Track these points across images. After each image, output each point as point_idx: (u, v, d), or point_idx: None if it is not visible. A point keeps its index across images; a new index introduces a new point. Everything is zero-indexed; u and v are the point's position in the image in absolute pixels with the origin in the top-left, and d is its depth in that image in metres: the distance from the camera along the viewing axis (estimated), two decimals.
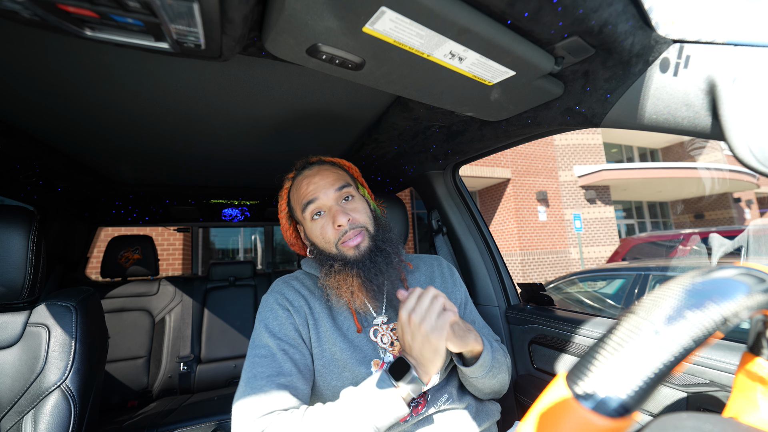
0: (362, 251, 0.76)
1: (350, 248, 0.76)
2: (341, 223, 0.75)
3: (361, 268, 0.75)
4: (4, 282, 0.81)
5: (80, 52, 0.69)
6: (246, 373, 0.68)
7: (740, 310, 0.26)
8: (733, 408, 0.34)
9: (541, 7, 0.51)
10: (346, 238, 0.76)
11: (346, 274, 0.75)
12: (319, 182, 0.79)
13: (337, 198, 0.79)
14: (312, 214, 0.79)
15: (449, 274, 0.96)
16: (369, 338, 0.78)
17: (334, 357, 0.74)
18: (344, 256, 0.77)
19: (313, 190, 0.79)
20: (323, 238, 0.78)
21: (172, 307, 2.06)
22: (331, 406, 0.63)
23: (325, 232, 0.78)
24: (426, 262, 0.97)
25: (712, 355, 0.68)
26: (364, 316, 0.81)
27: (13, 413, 0.80)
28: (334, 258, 0.77)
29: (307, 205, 0.79)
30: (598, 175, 9.58)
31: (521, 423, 0.29)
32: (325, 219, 0.78)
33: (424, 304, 0.65)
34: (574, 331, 1.00)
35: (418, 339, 0.63)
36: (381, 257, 0.77)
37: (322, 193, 0.78)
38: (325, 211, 0.79)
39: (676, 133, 0.61)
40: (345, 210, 0.78)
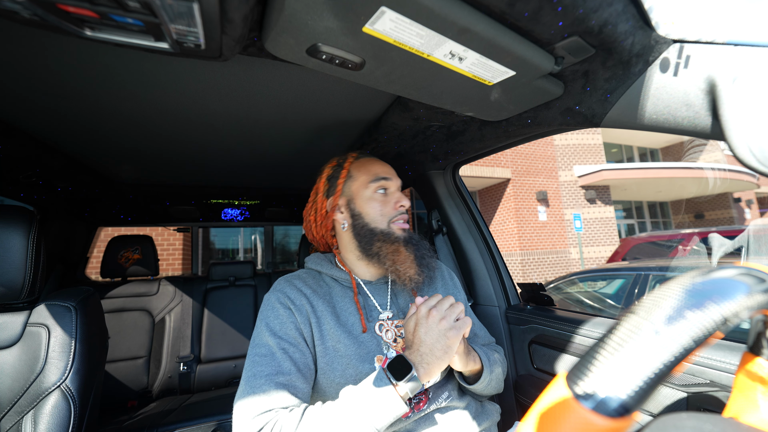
0: (409, 234, 0.86)
1: (400, 229, 0.85)
2: (405, 204, 0.86)
3: (414, 245, 0.84)
4: (4, 282, 0.81)
5: (80, 52, 0.69)
6: (246, 372, 0.69)
7: (740, 310, 0.26)
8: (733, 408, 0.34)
9: (541, 7, 0.51)
10: (400, 218, 0.85)
11: (397, 246, 0.82)
12: (391, 171, 0.91)
13: (399, 188, 0.90)
14: (378, 188, 0.86)
15: (449, 278, 1.00)
16: (374, 333, 0.79)
17: (338, 354, 0.74)
18: (393, 234, 0.84)
19: (387, 172, 0.89)
20: (381, 212, 0.85)
21: (172, 307, 2.06)
22: (330, 405, 0.63)
23: (385, 206, 0.85)
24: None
25: (712, 355, 0.68)
26: (369, 311, 0.83)
27: (13, 413, 0.80)
28: (384, 234, 0.83)
29: (379, 180, 0.86)
30: (598, 175, 9.58)
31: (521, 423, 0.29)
32: (389, 198, 0.87)
33: (445, 305, 0.69)
34: (574, 331, 1.00)
35: (433, 334, 0.65)
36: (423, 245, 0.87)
37: (393, 177, 0.89)
38: (389, 192, 0.88)
39: (676, 133, 0.61)
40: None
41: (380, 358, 0.75)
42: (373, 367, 0.74)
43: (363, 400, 0.61)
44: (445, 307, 0.68)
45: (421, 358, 0.64)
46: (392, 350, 0.78)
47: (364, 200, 0.86)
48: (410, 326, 0.70)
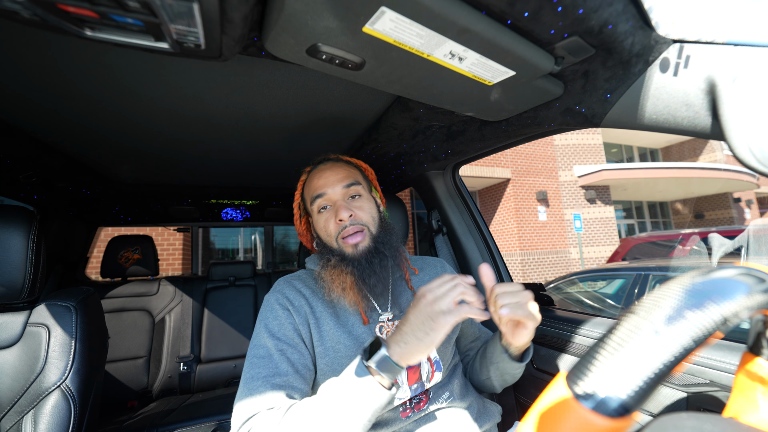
0: (360, 251, 0.78)
1: (349, 246, 0.79)
2: (342, 217, 0.78)
3: (355, 267, 0.77)
4: (4, 282, 0.81)
5: (80, 52, 0.69)
6: (244, 374, 0.69)
7: (740, 310, 0.26)
8: (733, 408, 0.34)
9: (541, 7, 0.51)
10: (345, 233, 0.79)
11: (340, 270, 0.77)
12: (329, 177, 0.83)
13: (343, 194, 0.82)
14: (319, 207, 0.82)
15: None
16: (374, 333, 0.78)
17: (338, 354, 0.74)
18: (342, 252, 0.79)
19: (322, 185, 0.82)
20: (326, 231, 0.81)
21: (172, 307, 2.06)
22: (313, 399, 0.61)
23: (327, 225, 0.81)
24: (430, 264, 0.98)
25: (712, 355, 0.68)
26: (370, 313, 0.82)
27: (13, 413, 0.80)
28: (332, 252, 0.80)
29: (315, 199, 0.82)
30: (598, 175, 9.58)
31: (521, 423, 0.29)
32: (330, 213, 0.82)
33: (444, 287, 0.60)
34: (574, 331, 1.00)
35: (421, 315, 0.58)
36: (377, 259, 0.79)
37: (330, 189, 0.81)
38: (331, 206, 0.82)
39: (676, 133, 0.61)
40: (349, 206, 0.80)
41: None
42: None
43: (342, 390, 0.59)
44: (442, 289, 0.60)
45: (400, 337, 0.59)
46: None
47: (315, 221, 0.85)
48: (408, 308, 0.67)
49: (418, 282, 0.91)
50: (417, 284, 0.90)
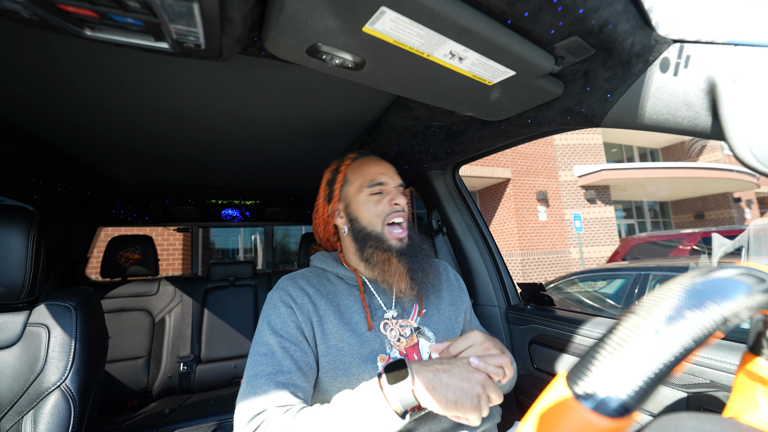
0: (405, 244, 0.83)
1: (395, 238, 0.82)
2: (399, 202, 0.84)
3: (408, 258, 0.81)
4: (4, 282, 0.81)
5: (80, 52, 0.69)
6: (247, 371, 0.69)
7: (740, 310, 0.26)
8: (733, 408, 0.34)
9: (541, 7, 0.51)
10: (394, 216, 0.83)
11: (390, 256, 0.80)
12: (389, 170, 0.88)
13: (397, 187, 0.88)
14: (373, 191, 0.85)
15: (455, 280, 0.99)
16: (378, 332, 0.79)
17: (341, 353, 0.74)
18: (386, 241, 0.82)
19: (384, 173, 0.87)
20: (375, 211, 0.83)
21: (172, 307, 2.06)
22: (324, 408, 0.61)
23: (380, 206, 0.84)
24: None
25: (712, 355, 0.68)
26: (374, 310, 0.82)
27: (13, 413, 0.80)
28: (378, 238, 0.82)
29: (375, 184, 0.85)
30: (598, 175, 9.58)
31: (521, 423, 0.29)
32: (384, 197, 0.85)
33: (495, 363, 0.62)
34: (574, 331, 1.00)
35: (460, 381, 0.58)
36: (422, 254, 0.84)
37: (391, 179, 0.87)
38: (385, 192, 0.86)
39: (676, 133, 0.61)
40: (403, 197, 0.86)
41: (383, 358, 0.75)
42: (376, 366, 0.74)
43: (354, 406, 0.58)
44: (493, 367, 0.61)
45: (432, 378, 0.58)
46: (395, 349, 0.78)
47: (359, 204, 0.85)
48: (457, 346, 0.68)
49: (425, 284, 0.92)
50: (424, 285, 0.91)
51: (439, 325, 0.85)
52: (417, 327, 0.82)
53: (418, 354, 0.79)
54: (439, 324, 0.85)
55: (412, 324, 0.82)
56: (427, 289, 0.87)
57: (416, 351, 0.79)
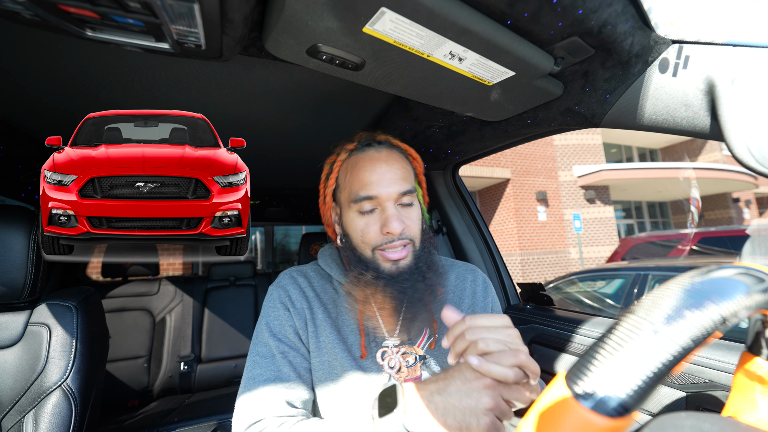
0: (401, 268, 0.65)
1: (388, 261, 0.65)
2: (393, 230, 0.63)
3: (395, 288, 0.64)
4: (5, 282, 0.81)
5: (81, 52, 0.70)
6: (247, 372, 0.68)
7: (739, 310, 0.26)
8: (732, 407, 0.34)
9: (540, 8, 0.51)
10: (388, 247, 0.65)
11: (376, 288, 0.64)
12: (385, 174, 0.65)
13: (396, 200, 0.65)
14: (361, 209, 0.66)
15: (482, 294, 0.79)
16: (374, 360, 0.69)
17: (333, 371, 0.68)
18: (377, 267, 0.65)
19: (376, 182, 0.64)
20: (362, 238, 0.66)
21: (173, 307, 2.06)
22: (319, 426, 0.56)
23: (367, 232, 0.65)
24: (458, 273, 0.81)
25: (711, 355, 0.69)
26: (374, 335, 0.71)
27: (14, 413, 0.80)
28: (366, 264, 0.66)
29: (361, 199, 0.65)
30: (597, 175, 9.58)
31: (521, 423, 0.30)
32: (374, 218, 0.65)
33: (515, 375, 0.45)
34: (573, 330, 1.00)
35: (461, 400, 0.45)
36: (420, 280, 0.66)
37: (384, 190, 0.64)
38: (378, 209, 0.66)
39: (676, 133, 0.61)
40: (401, 216, 0.65)
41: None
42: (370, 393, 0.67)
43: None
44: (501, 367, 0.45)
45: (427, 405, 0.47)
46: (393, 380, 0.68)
47: (348, 219, 0.68)
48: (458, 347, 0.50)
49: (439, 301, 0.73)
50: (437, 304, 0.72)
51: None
52: (423, 356, 0.69)
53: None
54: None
55: (418, 352, 0.70)
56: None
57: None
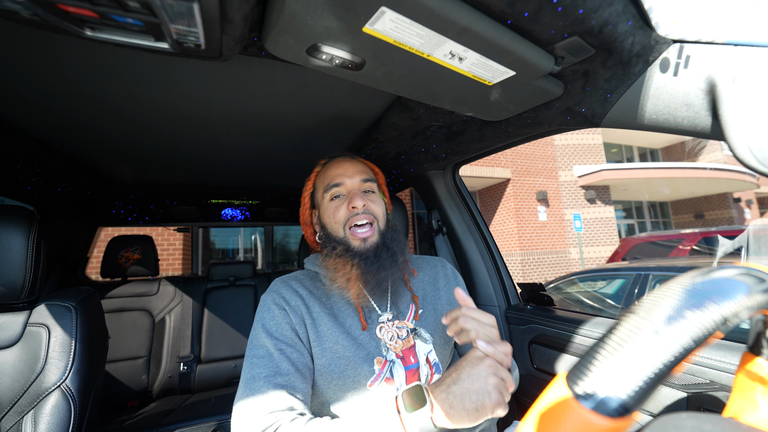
0: (368, 245, 0.78)
1: (357, 238, 0.78)
2: (356, 205, 0.78)
3: (362, 259, 0.76)
4: (4, 282, 0.81)
5: (80, 52, 0.69)
6: (245, 374, 0.68)
7: (740, 310, 0.26)
8: (733, 408, 0.34)
9: (541, 7, 0.51)
10: (356, 221, 0.78)
11: (345, 260, 0.76)
12: (348, 168, 0.83)
13: (359, 187, 0.82)
14: (332, 195, 0.81)
15: (453, 277, 0.95)
16: (373, 334, 0.77)
17: (336, 355, 0.73)
18: (348, 244, 0.78)
19: (340, 174, 0.82)
20: (334, 218, 0.80)
21: (172, 307, 2.06)
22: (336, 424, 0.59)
23: (338, 212, 0.80)
24: (429, 263, 0.96)
25: (712, 355, 0.68)
26: (369, 313, 0.80)
27: (13, 413, 0.80)
28: (338, 241, 0.79)
29: (331, 187, 0.81)
30: (598, 175, 9.58)
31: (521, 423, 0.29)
32: (342, 201, 0.81)
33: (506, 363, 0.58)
34: (574, 331, 1.00)
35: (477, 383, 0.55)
36: (386, 254, 0.78)
37: (348, 179, 0.81)
38: (345, 195, 0.81)
39: (676, 133, 0.61)
40: (364, 198, 0.80)
41: (380, 360, 0.74)
42: (373, 369, 0.73)
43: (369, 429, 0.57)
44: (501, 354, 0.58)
45: (446, 397, 0.55)
46: (391, 351, 0.77)
47: (323, 209, 0.83)
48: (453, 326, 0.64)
49: (415, 284, 0.89)
50: (415, 286, 0.89)
51: (436, 325, 0.84)
52: (413, 328, 0.81)
53: (414, 356, 0.77)
54: (436, 325, 0.84)
55: (409, 325, 0.81)
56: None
57: (413, 353, 0.78)
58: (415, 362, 0.76)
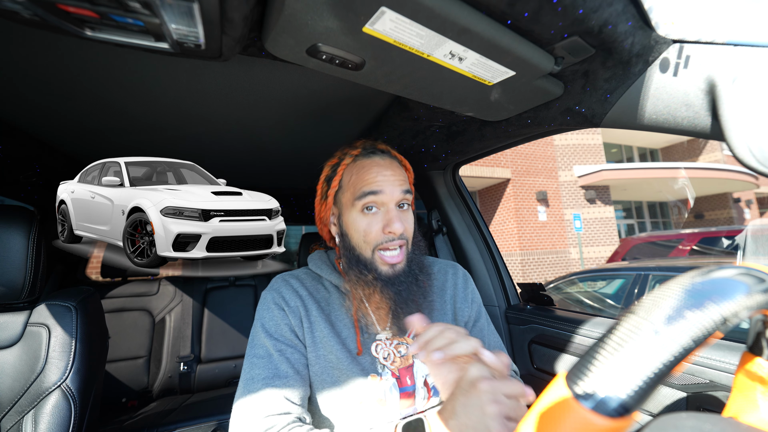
0: (397, 271, 0.71)
1: (386, 264, 0.70)
2: (395, 230, 0.68)
3: (393, 290, 0.70)
4: (5, 282, 0.81)
5: (80, 52, 0.69)
6: (245, 373, 0.68)
7: (740, 310, 0.26)
8: (732, 408, 0.34)
9: (541, 7, 0.51)
10: (389, 246, 0.70)
11: (375, 288, 0.71)
12: (389, 176, 0.70)
13: (397, 201, 0.71)
14: (365, 205, 0.70)
15: (463, 285, 0.87)
16: (370, 353, 0.74)
17: (329, 364, 0.71)
18: (375, 268, 0.71)
19: (381, 182, 0.69)
20: (365, 236, 0.71)
21: (173, 307, 2.06)
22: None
23: (369, 231, 0.70)
24: (440, 269, 0.89)
25: (711, 355, 0.68)
26: (366, 329, 0.76)
27: (14, 413, 0.80)
28: (365, 265, 0.71)
29: (366, 195, 0.69)
30: (598, 175, 9.58)
31: (521, 423, 0.29)
32: (378, 217, 0.70)
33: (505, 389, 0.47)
34: (573, 331, 1.00)
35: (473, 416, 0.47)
36: (414, 283, 0.72)
37: (388, 189, 0.69)
38: (380, 210, 0.71)
39: (676, 133, 0.61)
40: (401, 217, 0.71)
41: (375, 377, 0.72)
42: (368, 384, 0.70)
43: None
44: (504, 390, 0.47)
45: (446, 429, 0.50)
46: (387, 370, 0.73)
47: (350, 219, 0.73)
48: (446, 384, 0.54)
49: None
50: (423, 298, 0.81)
51: None
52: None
53: (411, 377, 0.74)
54: None
55: (409, 341, 0.76)
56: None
57: (410, 374, 0.74)
58: (412, 384, 0.73)
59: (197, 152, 1.31)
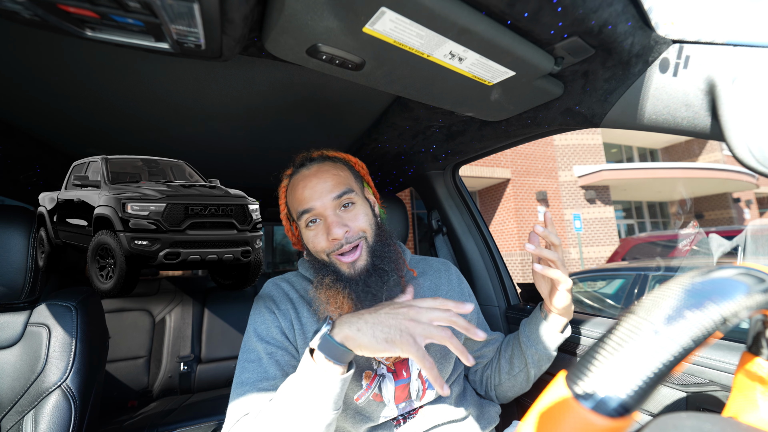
0: (357, 270, 0.71)
1: (344, 264, 0.72)
2: (336, 236, 0.69)
3: (353, 289, 0.70)
4: (5, 282, 0.81)
5: (80, 52, 0.69)
6: (236, 378, 0.69)
7: (739, 310, 0.26)
8: (732, 408, 0.34)
9: (540, 8, 0.51)
10: (342, 251, 0.71)
11: (337, 290, 0.71)
12: (316, 186, 0.72)
13: (334, 206, 0.72)
14: (306, 221, 0.73)
15: (457, 282, 0.90)
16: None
17: None
18: (337, 269, 0.72)
19: (308, 196, 0.72)
20: (314, 248, 0.74)
21: (173, 307, 2.06)
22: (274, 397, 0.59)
23: (317, 242, 0.72)
24: (433, 267, 0.91)
25: (711, 355, 0.69)
26: None
27: (14, 413, 0.80)
28: (327, 267, 0.73)
29: (302, 214, 0.73)
30: (598, 175, 9.58)
31: (521, 423, 0.30)
32: (320, 228, 0.73)
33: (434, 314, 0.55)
34: (573, 331, 1.00)
35: (390, 320, 0.54)
36: (376, 277, 0.71)
37: (317, 201, 0.71)
38: (321, 219, 0.73)
39: (676, 133, 0.61)
40: (342, 220, 0.71)
41: (369, 374, 0.72)
42: (360, 384, 0.71)
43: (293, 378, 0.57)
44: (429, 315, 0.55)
45: (356, 321, 0.55)
46: (382, 366, 0.74)
47: (302, 233, 0.77)
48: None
49: (417, 288, 0.84)
50: (416, 290, 0.83)
51: None
52: None
53: (407, 370, 0.75)
54: None
55: None
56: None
57: (405, 367, 0.75)
58: (407, 377, 0.74)
59: (198, 152, 1.31)
